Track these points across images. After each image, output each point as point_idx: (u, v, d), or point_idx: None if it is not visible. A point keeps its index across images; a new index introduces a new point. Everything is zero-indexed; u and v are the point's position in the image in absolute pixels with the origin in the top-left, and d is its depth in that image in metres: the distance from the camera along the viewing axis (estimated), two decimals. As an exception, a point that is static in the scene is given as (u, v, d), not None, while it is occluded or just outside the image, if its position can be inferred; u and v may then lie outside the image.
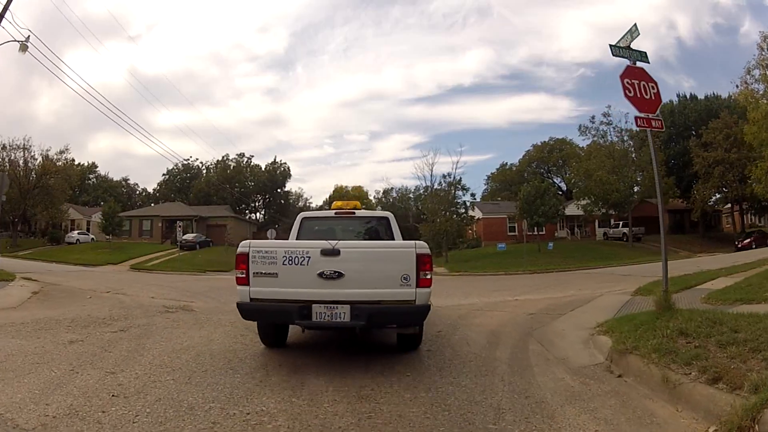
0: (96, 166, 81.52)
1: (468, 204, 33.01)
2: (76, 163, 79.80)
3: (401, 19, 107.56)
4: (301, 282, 4.23)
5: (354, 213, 6.41)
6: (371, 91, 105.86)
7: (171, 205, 52.09)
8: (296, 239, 5.89)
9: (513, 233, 45.21)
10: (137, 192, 78.60)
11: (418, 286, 4.24)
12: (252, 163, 60.70)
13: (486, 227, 42.35)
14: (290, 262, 4.26)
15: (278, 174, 60.60)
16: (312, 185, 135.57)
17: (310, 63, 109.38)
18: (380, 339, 5.63)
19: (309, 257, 4.24)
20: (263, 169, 60.88)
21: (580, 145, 44.82)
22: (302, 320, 4.21)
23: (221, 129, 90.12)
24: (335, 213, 6.43)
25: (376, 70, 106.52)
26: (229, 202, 55.75)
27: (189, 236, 40.15)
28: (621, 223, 42.90)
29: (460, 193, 32.65)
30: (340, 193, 68.50)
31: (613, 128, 41.48)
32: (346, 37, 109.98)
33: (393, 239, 5.87)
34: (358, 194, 68.06)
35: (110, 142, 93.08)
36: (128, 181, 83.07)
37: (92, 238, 50.30)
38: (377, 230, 6.34)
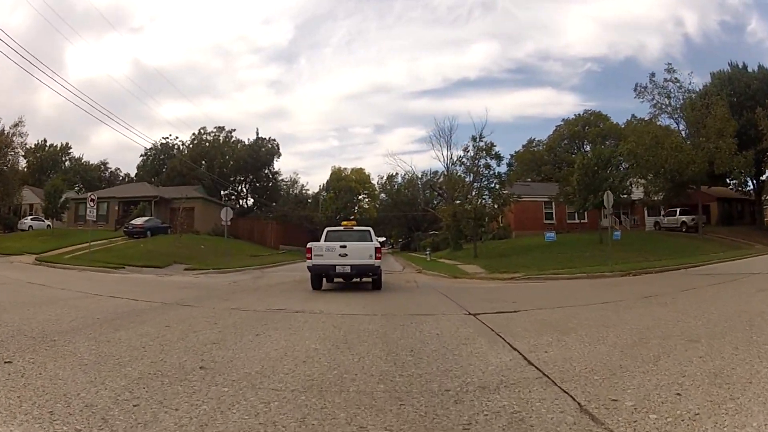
0: (70, 148, 73.99)
1: (504, 176, 24.04)
2: (48, 143, 73.34)
3: (404, 13, 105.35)
4: (332, 257, 10.62)
5: (353, 228, 12.51)
6: (375, 84, 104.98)
7: (132, 186, 43.67)
8: (324, 241, 11.53)
9: (550, 221, 36.71)
10: (120, 177, 70.57)
11: (375, 258, 10.75)
12: (232, 138, 51.62)
13: (517, 214, 33.31)
14: (328, 250, 10.74)
15: (263, 152, 51.38)
16: (317, 178, 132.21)
17: (313, 56, 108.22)
18: (364, 286, 11.62)
19: (335, 248, 10.74)
20: (246, 144, 51.82)
21: (639, 107, 35.85)
22: (333, 272, 10.76)
23: (224, 121, 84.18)
24: (344, 228, 12.35)
25: (379, 63, 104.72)
26: (207, 183, 47.01)
27: (139, 221, 31.55)
28: (678, 210, 34.77)
29: (493, 163, 23.79)
30: (338, 176, 59.89)
31: (679, 87, 33.31)
32: (349, 30, 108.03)
33: (371, 239, 11.80)
34: (358, 177, 59.45)
35: (112, 135, 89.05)
36: (107, 165, 75.48)
37: (48, 225, 43.14)
38: (364, 234, 12.16)
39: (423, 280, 15.18)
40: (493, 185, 23.23)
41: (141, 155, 58.89)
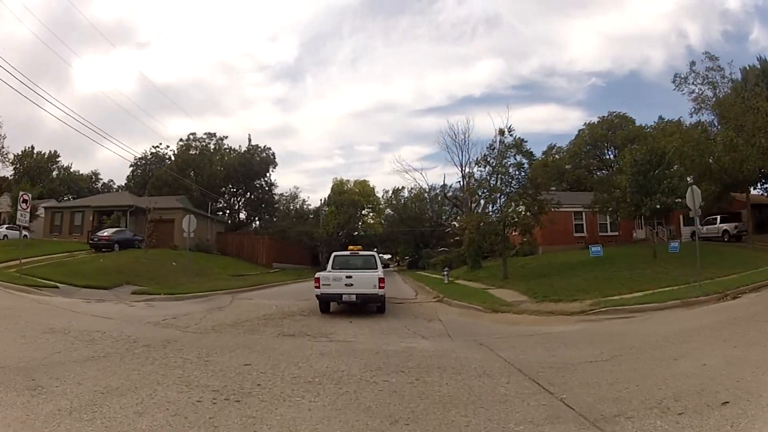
0: (58, 156, 70.81)
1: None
2: (35, 151, 70.30)
3: (409, 30, 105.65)
4: (339, 287, 10.68)
5: (358, 253, 13.16)
6: (381, 102, 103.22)
7: (109, 195, 39.89)
8: (332, 264, 12.21)
9: (581, 233, 32.38)
10: (114, 189, 67.10)
11: (379, 288, 10.68)
12: (223, 146, 47.27)
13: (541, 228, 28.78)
14: (335, 280, 10.79)
15: (256, 160, 46.82)
16: (322, 195, 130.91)
17: (319, 73, 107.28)
18: (368, 309, 11.20)
19: (341, 278, 10.77)
20: (239, 152, 47.33)
21: (682, 99, 32.14)
22: (339, 300, 10.84)
23: (231, 139, 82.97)
24: (350, 252, 13.08)
25: (385, 80, 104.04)
26: (196, 195, 42.72)
27: (106, 232, 27.30)
28: (719, 217, 30.57)
29: (525, 162, 19.31)
30: (340, 189, 55.55)
31: (722, 76, 29.63)
32: (355, 48, 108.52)
33: (377, 263, 12.34)
34: (362, 190, 55.06)
35: (114, 149, 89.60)
36: (98, 175, 72.01)
37: (25, 235, 39.37)
38: (370, 259, 12.56)
39: (450, 315, 10.57)
40: (524, 187, 18.68)
41: (130, 165, 54.96)
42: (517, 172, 19.45)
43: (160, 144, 50.94)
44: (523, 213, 18.87)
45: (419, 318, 10.20)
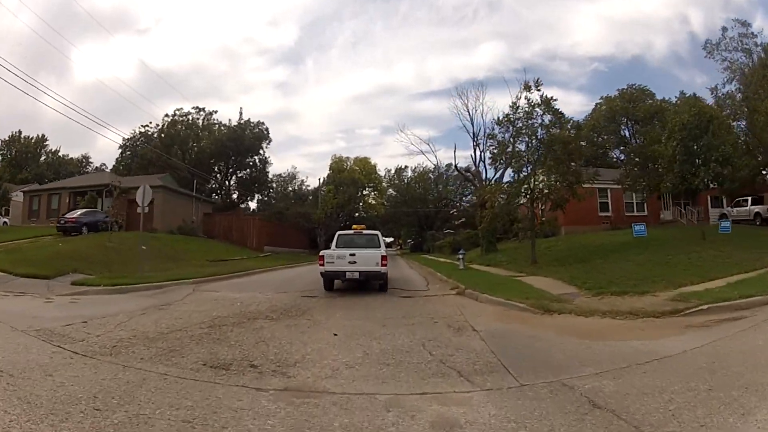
0: (46, 140, 67.65)
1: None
2: (23, 135, 67.31)
3: (410, 13, 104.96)
4: (342, 264, 10.77)
5: (362, 232, 13.40)
6: (382, 85, 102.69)
7: (87, 176, 36.86)
8: (336, 243, 12.35)
9: (606, 213, 29.36)
10: (107, 172, 64.20)
11: (381, 265, 10.72)
12: (212, 121, 43.70)
13: (568, 205, 25.61)
14: (339, 258, 10.85)
15: (248, 136, 43.25)
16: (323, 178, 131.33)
17: (319, 57, 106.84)
18: (371, 287, 11.38)
19: (345, 256, 10.85)
20: (229, 127, 43.73)
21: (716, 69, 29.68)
22: (343, 277, 11.17)
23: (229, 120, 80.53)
24: (354, 232, 13.30)
25: (386, 64, 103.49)
26: (184, 174, 39.50)
27: (74, 214, 24.31)
28: (750, 199, 27.80)
29: (557, 122, 16.22)
30: (339, 168, 52.28)
31: (755, 44, 26.88)
32: (355, 32, 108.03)
33: (380, 242, 12.60)
34: (363, 168, 51.68)
35: (115, 136, 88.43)
36: (89, 159, 68.98)
37: (5, 222, 37.43)
38: (373, 238, 12.84)
39: (485, 318, 7.14)
40: (554, 151, 15.60)
41: (119, 147, 51.50)
42: (546, 135, 16.34)
43: (150, 123, 47.38)
44: (556, 184, 15.81)
45: (440, 324, 6.67)
